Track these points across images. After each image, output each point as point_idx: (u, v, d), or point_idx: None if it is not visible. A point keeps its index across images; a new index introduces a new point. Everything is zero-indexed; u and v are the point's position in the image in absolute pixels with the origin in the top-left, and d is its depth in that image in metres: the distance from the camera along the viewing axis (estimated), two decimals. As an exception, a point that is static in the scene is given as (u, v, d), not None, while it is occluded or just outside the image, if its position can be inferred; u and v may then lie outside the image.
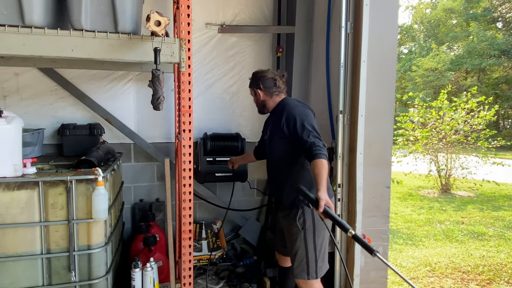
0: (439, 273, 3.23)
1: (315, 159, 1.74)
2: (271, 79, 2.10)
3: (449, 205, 6.56)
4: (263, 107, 2.17)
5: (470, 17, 27.97)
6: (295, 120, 1.88)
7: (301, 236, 1.93)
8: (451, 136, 7.71)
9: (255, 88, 2.14)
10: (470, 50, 24.17)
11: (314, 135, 1.83)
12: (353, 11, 2.21)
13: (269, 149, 2.11)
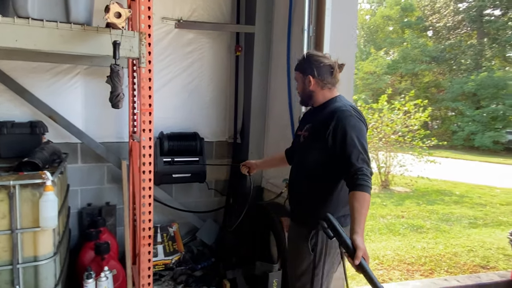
0: (387, 266, 3.45)
1: (358, 190, 1.45)
2: (328, 66, 1.72)
3: (389, 200, 7.02)
4: (309, 99, 1.79)
5: (404, 25, 30.30)
6: (345, 134, 1.55)
7: (309, 259, 1.69)
8: (390, 136, 8.28)
9: (306, 74, 1.73)
10: (405, 56, 26.20)
11: (364, 159, 1.52)
12: (315, 14, 2.25)
13: (302, 151, 1.80)
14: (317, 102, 1.77)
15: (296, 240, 1.79)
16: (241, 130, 3.28)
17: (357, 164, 1.49)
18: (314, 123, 1.73)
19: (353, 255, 1.29)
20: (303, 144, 1.77)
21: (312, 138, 1.71)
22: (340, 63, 1.75)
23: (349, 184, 1.51)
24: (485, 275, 3.22)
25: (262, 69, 2.99)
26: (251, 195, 2.75)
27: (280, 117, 2.78)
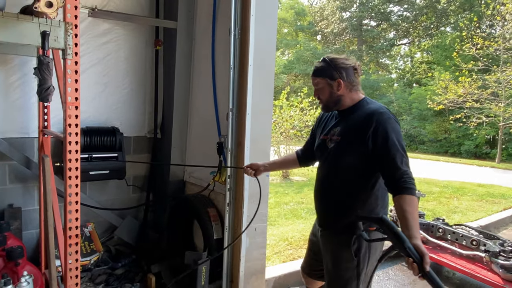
0: (295, 245, 3.88)
1: (407, 194, 1.42)
2: (352, 68, 1.67)
3: (290, 189, 7.69)
4: (336, 104, 1.71)
5: (298, 28, 32.81)
6: (387, 138, 1.51)
7: (353, 264, 1.65)
8: (289, 131, 9.05)
9: (334, 78, 1.65)
10: (299, 57, 28.43)
11: (407, 163, 1.50)
12: (240, 18, 2.43)
13: (334, 157, 1.69)
14: (344, 105, 1.70)
15: (335, 248, 1.71)
16: (162, 125, 3.29)
17: (402, 167, 1.47)
18: (347, 126, 1.66)
19: (420, 262, 1.22)
20: (335, 149, 1.67)
21: (348, 142, 1.63)
22: (357, 63, 1.74)
23: (395, 187, 1.47)
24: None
25: (184, 65, 3.06)
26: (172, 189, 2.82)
27: (205, 112, 2.90)
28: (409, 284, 3.33)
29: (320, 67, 1.70)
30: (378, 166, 1.55)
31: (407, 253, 1.23)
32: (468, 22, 19.50)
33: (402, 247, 1.25)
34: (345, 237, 1.61)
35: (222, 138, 2.62)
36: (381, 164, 1.53)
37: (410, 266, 1.24)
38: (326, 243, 1.77)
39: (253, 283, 2.67)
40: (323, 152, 1.76)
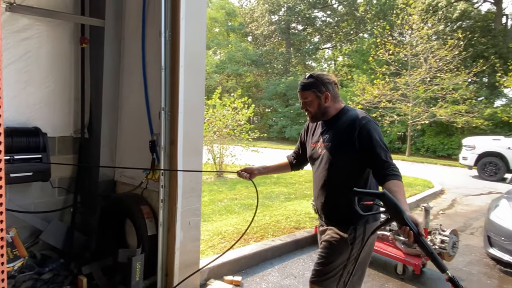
0: (228, 238, 4.06)
1: (393, 179, 1.63)
2: (333, 83, 1.93)
3: (224, 187, 7.87)
4: (323, 114, 1.93)
5: (229, 29, 33.12)
6: (370, 137, 1.74)
7: (346, 251, 1.82)
8: (222, 130, 9.22)
9: (322, 92, 1.87)
10: (230, 57, 28.74)
11: (390, 157, 1.72)
12: (170, 21, 2.53)
13: (327, 161, 1.87)
14: (329, 115, 1.92)
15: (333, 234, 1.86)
16: (90, 124, 3.22)
17: (387, 160, 1.69)
18: (335, 133, 1.87)
19: (416, 230, 1.36)
20: (327, 153, 1.87)
21: (337, 146, 1.83)
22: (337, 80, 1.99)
23: (384, 176, 1.66)
24: (298, 233, 4.28)
25: (113, 64, 3.04)
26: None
27: (136, 111, 2.93)
28: (330, 264, 3.73)
29: (309, 82, 1.89)
30: (366, 162, 1.76)
31: (406, 223, 1.37)
32: (382, 30, 21.66)
33: (401, 217, 1.39)
34: (342, 228, 1.78)
35: (154, 137, 2.69)
36: (369, 160, 1.74)
37: (407, 234, 1.37)
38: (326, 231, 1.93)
39: (187, 275, 2.79)
40: (315, 158, 1.96)
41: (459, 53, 16.37)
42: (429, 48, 17.17)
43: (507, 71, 16.11)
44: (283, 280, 3.30)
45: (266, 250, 3.71)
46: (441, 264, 1.29)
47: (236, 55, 28.73)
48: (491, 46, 21.69)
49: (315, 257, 3.82)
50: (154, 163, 2.72)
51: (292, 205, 5.92)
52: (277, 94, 28.18)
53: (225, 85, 27.01)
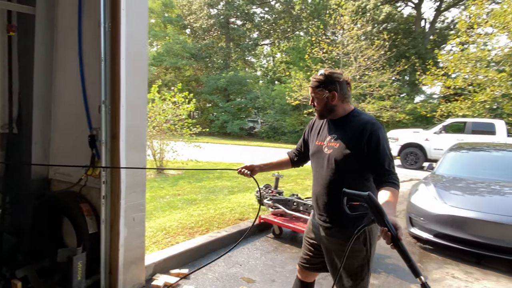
0: (173, 233, 4.04)
1: (391, 186, 1.70)
2: (345, 82, 1.91)
3: (165, 183, 7.73)
4: (330, 112, 1.93)
5: (166, 20, 32.08)
6: (378, 144, 1.77)
7: (363, 253, 1.86)
8: (162, 125, 9.00)
9: (330, 90, 1.87)
10: (168, 50, 27.89)
11: (393, 166, 1.78)
12: (109, 11, 2.45)
13: (334, 161, 1.86)
14: (338, 114, 1.92)
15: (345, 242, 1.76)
16: (19, 119, 2.98)
17: (390, 169, 1.75)
18: (344, 134, 1.87)
19: (395, 233, 1.40)
20: (333, 153, 1.87)
21: (345, 148, 1.83)
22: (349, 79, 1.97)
23: (382, 182, 1.73)
24: (243, 224, 4.41)
25: (45, 54, 2.84)
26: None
27: (72, 105, 2.79)
28: (272, 251, 3.92)
29: (318, 79, 1.90)
30: (369, 167, 1.81)
31: (385, 225, 1.42)
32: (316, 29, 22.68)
33: (382, 219, 1.44)
34: (352, 231, 1.70)
35: (94, 131, 2.60)
36: (372, 165, 1.79)
37: (385, 235, 1.43)
38: (334, 238, 1.91)
39: (133, 271, 2.76)
40: (320, 156, 1.96)
41: (385, 53, 17.80)
42: (358, 48, 18.41)
43: (425, 70, 17.96)
44: (229, 269, 3.40)
45: (212, 242, 3.78)
46: (416, 269, 1.34)
47: (175, 47, 27.97)
48: (412, 47, 23.98)
49: (259, 246, 4.03)
50: (94, 159, 2.62)
51: (236, 198, 6.04)
52: (217, 88, 28.07)
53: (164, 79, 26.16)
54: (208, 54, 31.02)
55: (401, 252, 1.38)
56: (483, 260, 3.92)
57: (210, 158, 11.70)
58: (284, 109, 24.86)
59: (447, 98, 18.22)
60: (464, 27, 16.47)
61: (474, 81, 16.08)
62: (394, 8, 26.06)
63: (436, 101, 22.24)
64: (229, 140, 23.83)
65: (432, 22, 28.03)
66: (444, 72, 16.97)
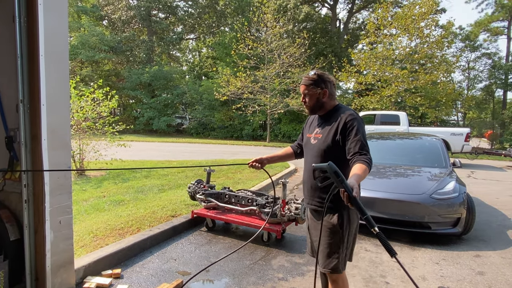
0: (101, 236, 3.91)
1: (364, 164, 1.87)
2: (332, 82, 2.18)
3: (87, 185, 7.30)
4: (319, 108, 2.19)
5: (80, 10, 29.56)
6: (353, 129, 2.00)
7: (338, 236, 2.06)
8: (81, 123, 8.43)
9: (322, 88, 2.14)
10: (84, 42, 25.82)
11: (367, 150, 1.98)
12: (25, 5, 2.31)
13: (317, 149, 2.13)
14: (326, 110, 2.19)
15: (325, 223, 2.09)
16: None
17: (363, 152, 1.96)
18: (326, 126, 2.15)
19: (350, 192, 1.61)
20: (318, 143, 2.15)
21: (328, 136, 2.09)
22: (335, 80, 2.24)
23: (356, 160, 1.93)
24: (176, 220, 4.45)
25: None
26: None
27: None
28: (206, 243, 4.05)
29: (312, 78, 2.15)
30: (347, 150, 2.02)
31: (342, 186, 1.63)
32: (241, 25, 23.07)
33: (340, 182, 1.64)
34: (334, 212, 2.07)
35: (11, 132, 2.43)
36: (350, 150, 2.00)
37: (343, 196, 1.64)
38: (317, 220, 2.18)
39: (61, 275, 2.65)
40: (309, 146, 2.24)
41: (305, 51, 18.88)
42: (281, 45, 19.23)
43: (341, 67, 19.48)
44: (164, 264, 3.44)
45: (145, 240, 3.76)
46: (371, 221, 1.50)
47: (91, 40, 25.98)
48: (329, 45, 25.74)
49: (193, 240, 4.12)
50: (12, 162, 2.46)
51: (166, 195, 6.00)
52: (141, 84, 26.87)
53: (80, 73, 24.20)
54: (129, 47, 29.45)
55: (357, 207, 1.58)
56: (389, 234, 4.54)
57: (136, 156, 11.29)
58: (212, 104, 24.84)
59: (359, 93, 20.06)
60: (372, 28, 18.29)
61: (381, 78, 17.98)
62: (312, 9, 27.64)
63: (350, 95, 24.31)
64: (156, 137, 23.06)
65: (346, 23, 30.42)
66: (356, 69, 18.66)
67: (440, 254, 4.02)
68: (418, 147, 6.35)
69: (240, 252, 3.80)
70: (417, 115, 21.18)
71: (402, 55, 17.81)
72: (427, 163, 5.67)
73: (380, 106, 17.74)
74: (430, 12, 17.20)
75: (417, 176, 5.17)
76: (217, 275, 3.27)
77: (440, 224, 4.35)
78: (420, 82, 16.89)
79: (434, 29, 18.50)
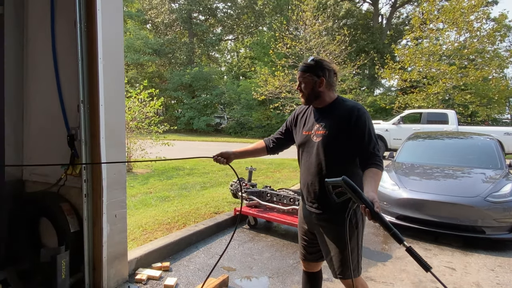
0: (150, 230, 4.09)
1: (374, 167, 1.77)
2: (333, 71, 1.96)
3: (135, 182, 7.65)
4: (316, 98, 1.96)
5: (126, 15, 31.03)
6: (365, 129, 1.83)
7: (355, 235, 1.91)
8: (129, 123, 8.85)
9: (319, 76, 1.91)
10: (129, 45, 27.06)
11: (378, 149, 1.85)
12: (85, 11, 2.48)
13: (323, 148, 1.90)
14: (323, 102, 1.97)
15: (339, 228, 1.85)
16: (-12, 121, 2.90)
17: (375, 152, 1.82)
18: (331, 122, 1.91)
19: (372, 208, 1.50)
20: (322, 141, 1.91)
21: (334, 135, 1.88)
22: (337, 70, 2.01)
23: (367, 164, 1.80)
24: (219, 217, 4.55)
25: (14, 55, 2.79)
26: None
27: (47, 105, 2.78)
28: (249, 241, 4.10)
29: (309, 65, 1.94)
30: (356, 150, 1.86)
31: (362, 202, 1.50)
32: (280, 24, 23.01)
33: (359, 198, 1.51)
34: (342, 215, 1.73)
35: (73, 131, 2.61)
36: (358, 148, 1.85)
37: (364, 212, 1.51)
38: (328, 224, 1.95)
39: (116, 267, 2.81)
40: (309, 145, 1.99)
41: (345, 48, 18.46)
42: (320, 43, 18.94)
43: (383, 64, 18.83)
44: (209, 259, 3.53)
45: (191, 235, 3.88)
46: (399, 236, 1.39)
47: (136, 43, 27.20)
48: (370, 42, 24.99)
49: (236, 236, 4.19)
50: (73, 158, 2.64)
51: (209, 192, 6.14)
52: (182, 85, 27.69)
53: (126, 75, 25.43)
54: (171, 49, 30.45)
55: (382, 223, 1.45)
56: (439, 238, 4.33)
57: (178, 155, 11.65)
58: (250, 104, 25.03)
59: (404, 91, 19.28)
60: (417, 23, 17.49)
61: (428, 74, 17.14)
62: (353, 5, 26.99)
63: (394, 93, 23.43)
64: (196, 136, 23.66)
65: (389, 18, 29.34)
66: (400, 66, 17.93)
67: (495, 260, 3.77)
68: (470, 147, 5.99)
69: (283, 251, 3.80)
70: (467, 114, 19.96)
71: (450, 51, 16.86)
72: (480, 164, 5.33)
73: (426, 104, 16.91)
74: (480, 5, 16.12)
75: (469, 178, 4.88)
76: (261, 273, 3.30)
77: (495, 229, 4.07)
78: (470, 78, 15.89)
79: (485, 22, 17.35)
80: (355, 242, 1.92)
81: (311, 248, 2.14)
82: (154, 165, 9.37)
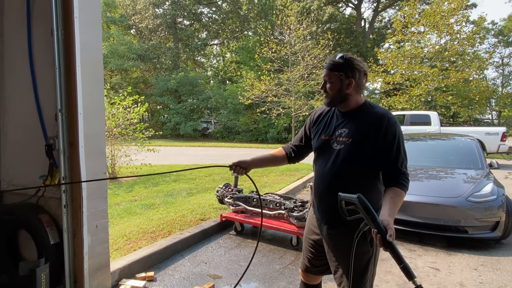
0: (134, 239, 4.02)
1: (399, 188, 1.60)
2: (363, 72, 1.74)
3: (119, 190, 7.54)
4: (342, 101, 1.74)
5: (109, 20, 30.70)
6: (394, 141, 1.64)
7: (370, 253, 1.73)
8: (113, 130, 8.73)
9: (348, 76, 1.69)
10: (113, 51, 26.78)
11: (406, 166, 1.67)
12: (62, 20, 2.43)
13: (344, 157, 1.70)
14: (348, 106, 1.76)
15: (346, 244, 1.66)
16: (-38, 132, 2.81)
17: (402, 169, 1.65)
18: (357, 129, 1.70)
19: (384, 235, 1.35)
20: (345, 149, 1.71)
21: (359, 144, 1.68)
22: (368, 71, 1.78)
23: (391, 181, 1.63)
24: (205, 223, 4.50)
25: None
26: None
27: (24, 115, 2.70)
28: (235, 247, 4.07)
29: (337, 63, 1.72)
30: (381, 164, 1.68)
31: (374, 226, 1.37)
32: (264, 29, 23.14)
33: (371, 221, 1.38)
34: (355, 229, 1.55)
35: (51, 140, 2.55)
36: (385, 163, 1.67)
37: (376, 238, 1.36)
38: (339, 239, 1.77)
39: (98, 278, 2.74)
40: (327, 151, 1.79)
41: (330, 52, 18.66)
42: (305, 47, 19.11)
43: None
44: (195, 268, 3.49)
45: (176, 243, 3.83)
46: (410, 271, 1.28)
47: (120, 49, 26.92)
48: (354, 46, 25.35)
49: (222, 243, 4.15)
50: (52, 168, 2.58)
51: (195, 199, 6.09)
52: (168, 90, 27.51)
53: (110, 81, 25.08)
54: (156, 55, 30.26)
55: (394, 254, 1.33)
56: (424, 238, 4.40)
57: (164, 161, 11.54)
58: (237, 108, 25.05)
59: (387, 93, 19.60)
60: (399, 27, 17.85)
61: (410, 77, 17.48)
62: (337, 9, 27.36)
63: (377, 96, 23.78)
64: (183, 142, 23.50)
65: (371, 22, 29.87)
66: (383, 69, 18.24)
67: (478, 259, 3.84)
68: (452, 148, 6.11)
69: (270, 257, 3.79)
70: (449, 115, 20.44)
71: (431, 53, 17.24)
72: (461, 164, 5.44)
73: (409, 106, 17.24)
74: (460, 8, 16.57)
75: (451, 178, 4.97)
76: (247, 279, 3.28)
77: (478, 228, 4.16)
78: (451, 80, 16.28)
79: (465, 25, 17.82)
80: (369, 261, 1.74)
81: (317, 261, 1.97)
82: (140, 171, 9.25)
